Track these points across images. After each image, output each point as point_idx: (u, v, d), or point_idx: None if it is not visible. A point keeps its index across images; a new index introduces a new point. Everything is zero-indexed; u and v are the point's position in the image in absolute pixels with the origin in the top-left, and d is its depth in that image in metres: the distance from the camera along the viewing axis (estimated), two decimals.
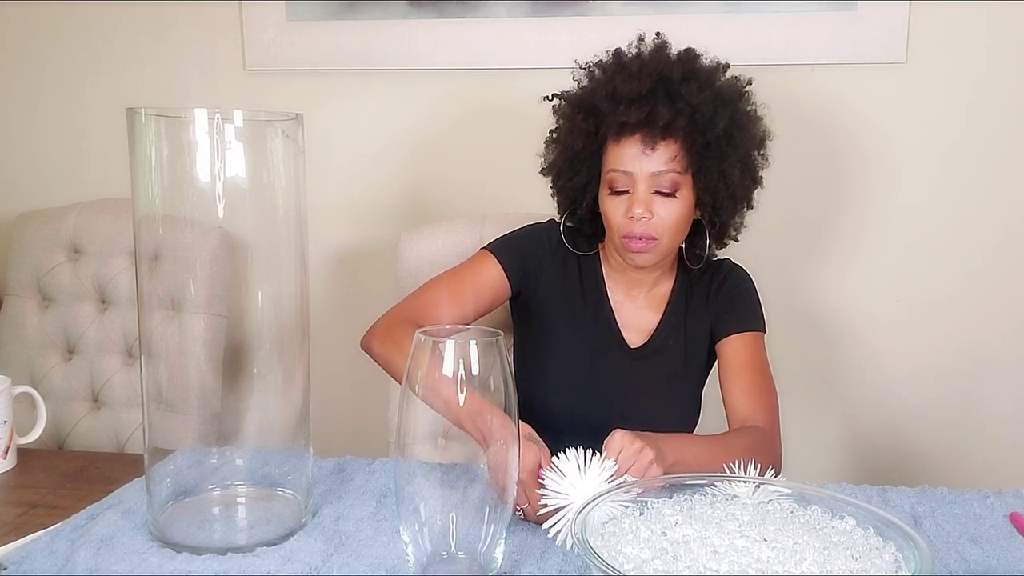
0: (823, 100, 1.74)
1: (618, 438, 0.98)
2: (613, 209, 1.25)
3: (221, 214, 0.93)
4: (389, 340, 1.29)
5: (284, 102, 1.88)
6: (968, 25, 1.68)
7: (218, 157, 0.91)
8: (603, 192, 1.27)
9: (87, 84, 1.96)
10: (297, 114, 0.95)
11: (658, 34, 1.30)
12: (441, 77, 1.84)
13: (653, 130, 1.21)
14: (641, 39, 1.30)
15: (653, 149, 1.22)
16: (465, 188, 1.86)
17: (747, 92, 1.29)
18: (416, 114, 1.87)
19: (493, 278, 1.33)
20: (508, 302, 1.39)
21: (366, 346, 1.34)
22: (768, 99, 1.33)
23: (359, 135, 1.89)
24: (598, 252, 1.38)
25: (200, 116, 0.90)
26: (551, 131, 1.35)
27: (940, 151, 1.73)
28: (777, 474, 1.18)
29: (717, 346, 1.34)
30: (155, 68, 1.93)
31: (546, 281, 1.35)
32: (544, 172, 1.37)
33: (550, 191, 1.37)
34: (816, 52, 1.71)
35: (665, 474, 0.99)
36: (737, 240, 1.35)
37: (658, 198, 1.23)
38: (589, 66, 1.31)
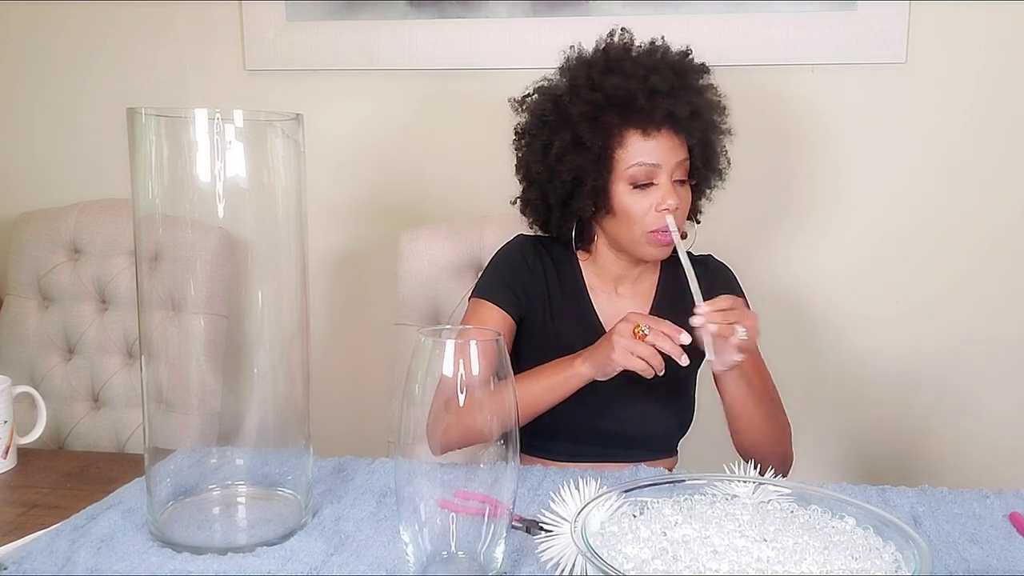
0: (823, 100, 1.74)
1: (729, 299, 1.13)
2: (636, 204, 1.24)
3: (221, 214, 0.93)
4: (447, 423, 1.28)
5: (284, 102, 1.88)
6: (968, 25, 1.68)
7: (218, 157, 0.91)
8: (620, 189, 1.24)
9: (87, 84, 1.96)
10: (297, 114, 0.95)
11: (624, 29, 1.31)
12: (441, 77, 1.84)
13: (685, 122, 1.24)
14: (611, 35, 1.31)
15: (688, 138, 1.25)
16: (466, 188, 1.86)
17: (712, 82, 1.33)
18: (416, 114, 1.87)
19: (497, 320, 1.31)
20: None
21: (444, 447, 1.33)
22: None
23: (359, 135, 1.89)
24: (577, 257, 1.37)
25: (200, 116, 0.90)
26: (547, 135, 1.29)
27: (940, 151, 1.73)
28: (787, 459, 1.30)
29: None
30: (155, 68, 1.93)
31: (532, 295, 1.34)
32: (527, 184, 1.32)
33: (556, 200, 1.30)
34: (816, 52, 1.71)
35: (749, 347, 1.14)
36: (698, 222, 1.37)
37: (676, 186, 1.25)
38: (579, 62, 1.29)
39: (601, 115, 1.24)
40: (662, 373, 1.14)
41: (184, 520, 0.95)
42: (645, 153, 1.23)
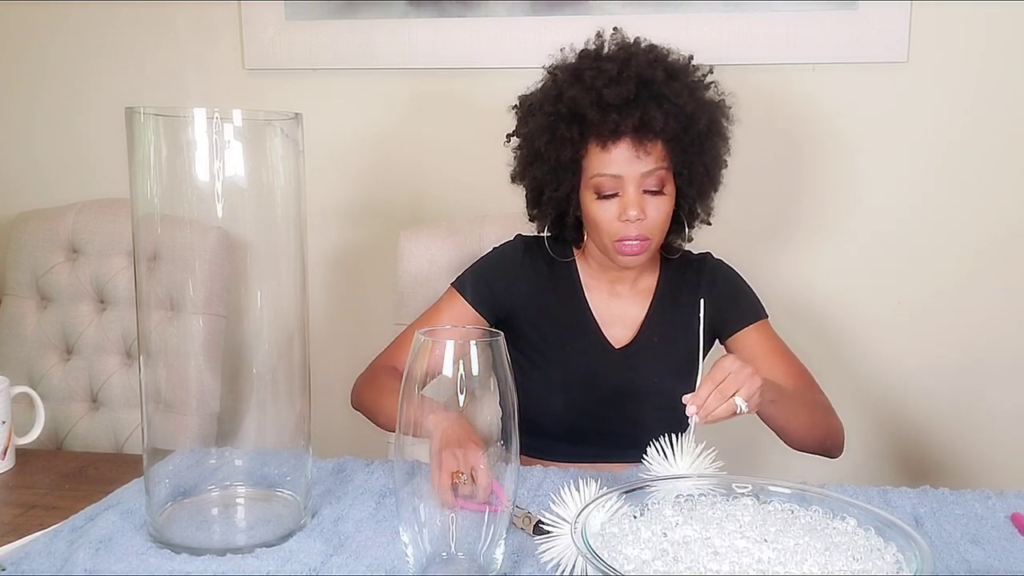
0: (823, 100, 1.74)
1: (729, 361, 1.06)
2: (602, 213, 1.24)
3: (220, 214, 0.92)
4: (373, 388, 1.32)
5: (283, 101, 1.87)
6: (969, 25, 1.68)
7: (217, 157, 0.90)
8: (587, 197, 1.26)
9: (87, 84, 1.96)
10: (296, 113, 0.95)
11: (616, 29, 1.29)
12: (441, 76, 1.84)
13: (644, 134, 1.20)
14: (599, 35, 1.29)
15: (647, 152, 1.21)
16: (465, 188, 1.86)
17: (714, 82, 1.29)
18: (416, 114, 1.87)
19: (463, 314, 1.33)
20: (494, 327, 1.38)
21: (356, 403, 1.36)
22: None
23: (359, 134, 1.89)
24: (573, 258, 1.37)
25: (199, 116, 0.89)
26: (521, 141, 1.32)
27: (940, 150, 1.73)
28: (841, 448, 1.31)
29: (729, 342, 1.35)
30: (155, 68, 1.93)
31: (518, 299, 1.35)
32: (519, 182, 1.34)
33: (527, 201, 1.34)
34: (816, 52, 1.70)
35: (756, 410, 1.09)
36: (710, 224, 1.35)
37: (647, 197, 1.23)
38: (553, 69, 1.29)
39: (559, 129, 1.24)
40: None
41: (183, 521, 0.95)
42: (605, 165, 1.22)
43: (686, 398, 1.04)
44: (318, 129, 1.76)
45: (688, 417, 1.03)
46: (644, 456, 1.02)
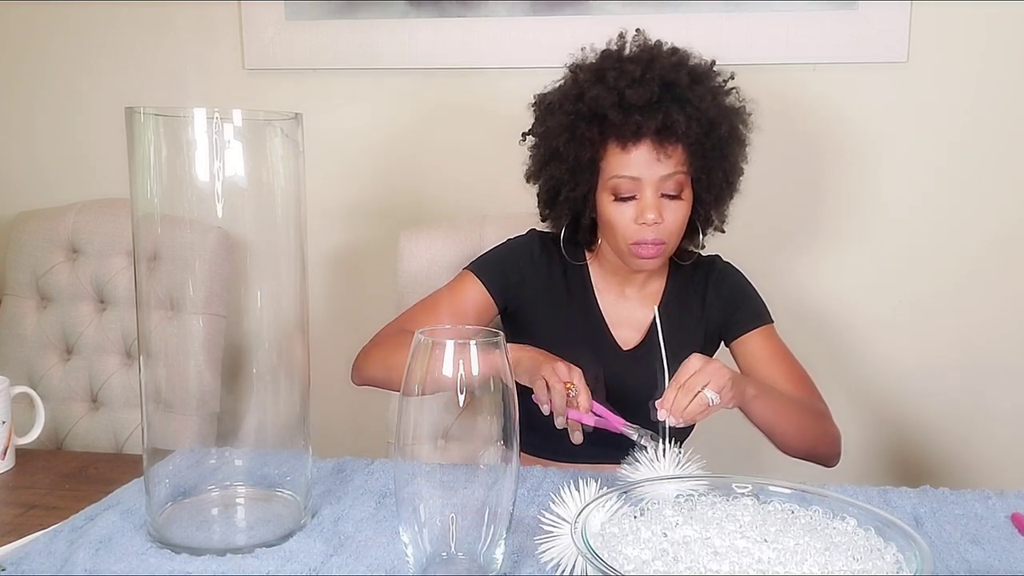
0: (823, 100, 1.74)
1: (694, 359, 1.06)
2: (619, 216, 1.24)
3: (220, 214, 0.92)
4: (377, 352, 1.32)
5: (283, 101, 1.87)
6: (968, 25, 1.68)
7: (217, 157, 0.90)
8: (604, 199, 1.25)
9: (87, 84, 1.96)
10: (296, 113, 0.95)
11: (638, 31, 1.29)
12: (441, 76, 1.84)
13: (665, 137, 1.20)
14: (622, 36, 1.29)
15: (668, 155, 1.21)
16: (465, 188, 1.86)
17: (736, 87, 1.29)
18: (416, 113, 1.87)
19: (474, 296, 1.33)
20: (500, 317, 1.38)
21: (360, 369, 1.35)
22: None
23: (359, 135, 1.89)
24: (586, 262, 1.37)
25: (199, 115, 0.89)
26: (538, 140, 1.31)
27: (940, 150, 1.73)
28: (837, 457, 1.31)
29: (733, 346, 1.35)
30: (155, 68, 1.93)
31: (530, 293, 1.35)
32: (534, 181, 1.34)
33: (541, 201, 1.34)
34: (816, 52, 1.71)
35: (740, 405, 1.13)
36: (723, 231, 1.35)
37: (664, 201, 1.23)
38: (574, 68, 1.28)
39: (579, 128, 1.23)
40: (559, 419, 1.12)
41: (183, 521, 0.95)
42: (624, 166, 1.22)
43: (656, 403, 1.05)
44: (318, 129, 1.76)
45: (661, 422, 1.03)
46: (622, 464, 1.01)
